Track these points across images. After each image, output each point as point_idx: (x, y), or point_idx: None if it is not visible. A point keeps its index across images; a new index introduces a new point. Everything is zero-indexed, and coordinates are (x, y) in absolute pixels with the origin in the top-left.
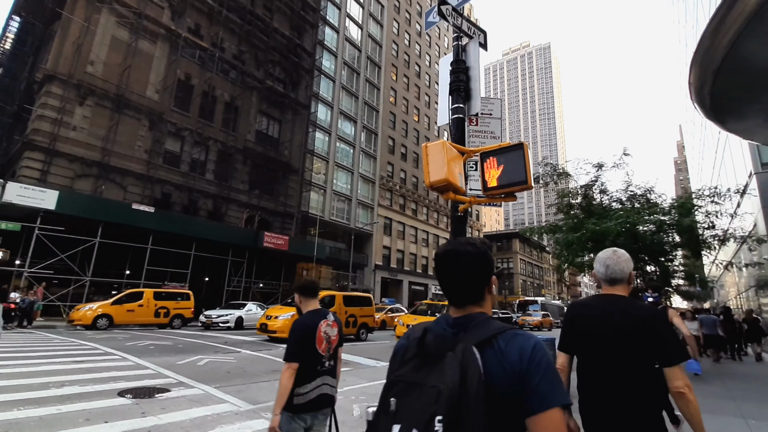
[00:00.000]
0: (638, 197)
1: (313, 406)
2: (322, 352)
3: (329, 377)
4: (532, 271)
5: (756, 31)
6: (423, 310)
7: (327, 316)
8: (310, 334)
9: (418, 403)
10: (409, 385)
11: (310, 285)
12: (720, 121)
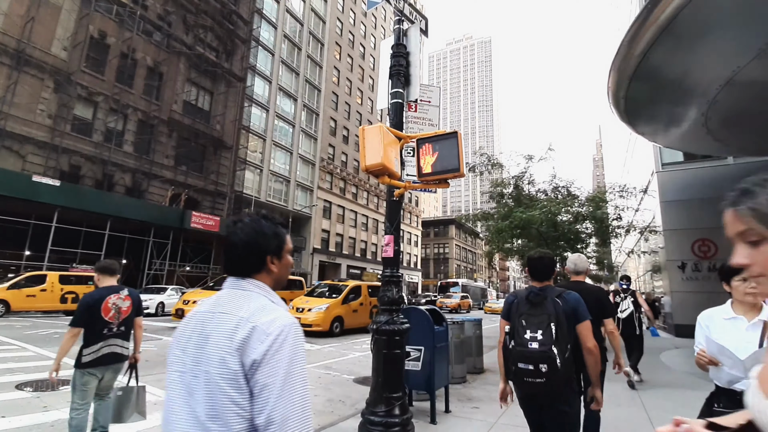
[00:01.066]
0: (561, 189)
1: (101, 362)
2: (110, 320)
3: (119, 340)
4: (466, 256)
5: (665, 43)
6: (322, 292)
7: (120, 292)
8: (96, 305)
9: (536, 320)
10: (530, 314)
11: (106, 266)
12: (632, 124)
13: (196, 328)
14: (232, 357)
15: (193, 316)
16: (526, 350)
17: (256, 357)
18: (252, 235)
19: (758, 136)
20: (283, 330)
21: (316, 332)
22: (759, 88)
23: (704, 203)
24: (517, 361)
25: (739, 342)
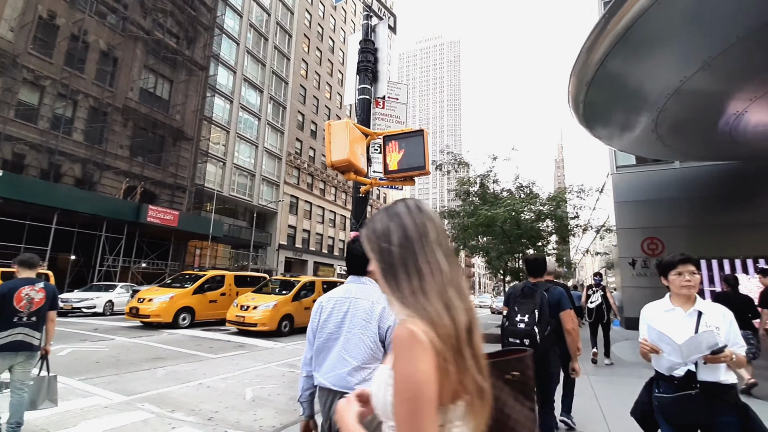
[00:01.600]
0: (524, 188)
1: (10, 348)
2: (21, 309)
3: (29, 329)
4: None
5: (621, 52)
6: (272, 288)
7: (35, 284)
8: (9, 293)
9: (525, 307)
10: (522, 303)
11: (25, 260)
12: (589, 127)
13: (335, 306)
14: (373, 323)
15: (330, 300)
16: (516, 329)
17: (390, 324)
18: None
19: (699, 144)
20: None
21: (261, 332)
22: (701, 99)
23: (653, 204)
24: (508, 336)
25: (677, 332)
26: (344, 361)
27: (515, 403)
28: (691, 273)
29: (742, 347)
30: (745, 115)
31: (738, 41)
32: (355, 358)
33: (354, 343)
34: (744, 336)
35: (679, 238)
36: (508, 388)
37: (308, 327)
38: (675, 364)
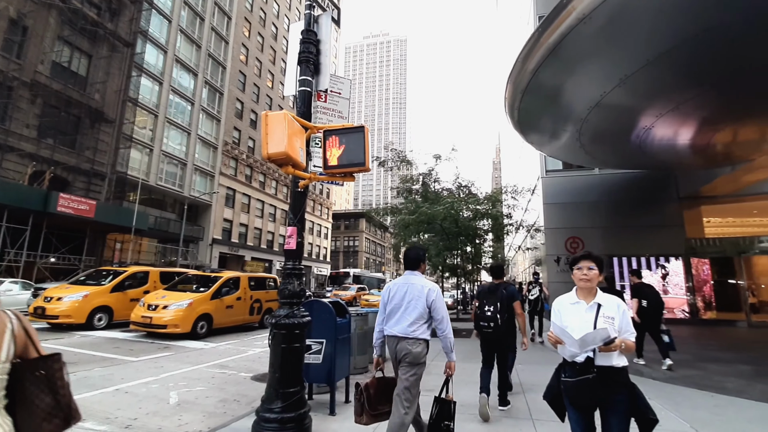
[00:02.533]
0: (463, 188)
1: None
2: None
3: None
4: (375, 250)
5: (552, 64)
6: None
7: None
8: None
9: (491, 300)
10: (488, 297)
11: None
12: (523, 133)
13: (399, 288)
14: (423, 298)
15: (395, 284)
16: (485, 316)
17: (433, 298)
18: (418, 251)
19: (615, 153)
20: (437, 289)
21: (173, 334)
22: (617, 113)
23: (576, 206)
24: (479, 321)
25: (580, 323)
26: (406, 319)
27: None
28: (589, 268)
29: (632, 334)
30: (652, 130)
31: (648, 63)
32: (412, 318)
33: (411, 309)
34: None
35: (596, 237)
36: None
37: (380, 301)
38: (574, 353)
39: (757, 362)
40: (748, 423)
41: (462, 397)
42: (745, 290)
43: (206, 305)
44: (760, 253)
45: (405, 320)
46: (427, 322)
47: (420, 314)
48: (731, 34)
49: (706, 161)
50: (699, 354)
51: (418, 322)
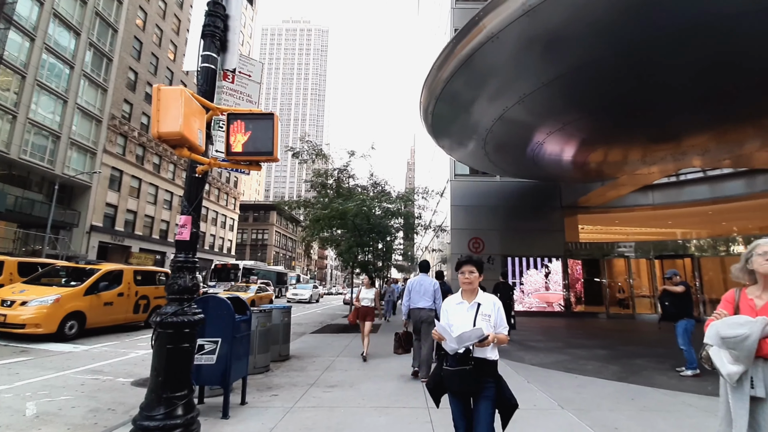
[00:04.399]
0: (377, 186)
1: None
2: None
3: None
4: (286, 244)
5: (464, 75)
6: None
7: None
8: None
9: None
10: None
11: None
12: (436, 137)
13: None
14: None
15: (414, 281)
16: (420, 308)
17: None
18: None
19: (514, 163)
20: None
21: (33, 335)
22: (517, 127)
23: (479, 209)
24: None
25: (462, 320)
26: (423, 299)
27: None
28: (470, 272)
29: (505, 328)
30: (544, 145)
31: (542, 86)
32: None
33: (425, 293)
34: None
35: (495, 238)
36: None
37: (406, 289)
38: (454, 348)
39: (611, 347)
40: (602, 399)
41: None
42: (606, 287)
43: (78, 302)
44: (617, 256)
45: (424, 300)
46: (434, 300)
47: (430, 296)
48: (601, 71)
49: (583, 176)
50: (568, 342)
51: (429, 300)
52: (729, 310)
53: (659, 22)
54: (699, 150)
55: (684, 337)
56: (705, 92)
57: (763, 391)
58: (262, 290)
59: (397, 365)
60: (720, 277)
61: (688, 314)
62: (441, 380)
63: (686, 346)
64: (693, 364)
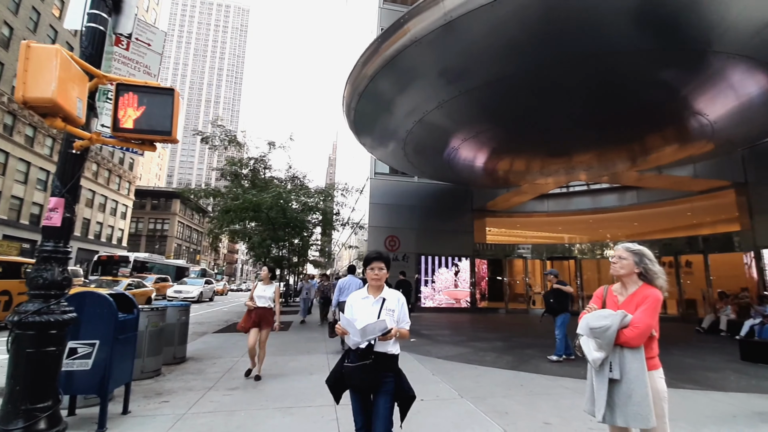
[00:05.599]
0: (296, 179)
1: None
2: None
3: None
4: (190, 236)
5: (388, 75)
6: None
7: None
8: None
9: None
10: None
11: None
12: (357, 134)
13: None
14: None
15: (343, 281)
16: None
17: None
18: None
19: (431, 165)
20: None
21: None
22: (435, 131)
23: (397, 208)
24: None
25: (367, 315)
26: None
27: None
28: (380, 268)
29: (407, 323)
30: (459, 151)
31: (460, 94)
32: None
33: (351, 290)
34: None
35: (411, 237)
36: None
37: (337, 287)
38: (357, 342)
39: (507, 339)
40: (497, 387)
41: None
42: (506, 285)
43: None
44: (517, 257)
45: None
46: None
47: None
48: (511, 87)
49: (492, 182)
50: (472, 335)
51: None
52: (598, 305)
53: (560, 47)
54: (585, 166)
55: (561, 329)
56: (591, 116)
57: (618, 373)
58: (136, 285)
59: (306, 363)
60: (596, 277)
61: (566, 309)
62: (341, 376)
63: (561, 336)
64: (560, 351)
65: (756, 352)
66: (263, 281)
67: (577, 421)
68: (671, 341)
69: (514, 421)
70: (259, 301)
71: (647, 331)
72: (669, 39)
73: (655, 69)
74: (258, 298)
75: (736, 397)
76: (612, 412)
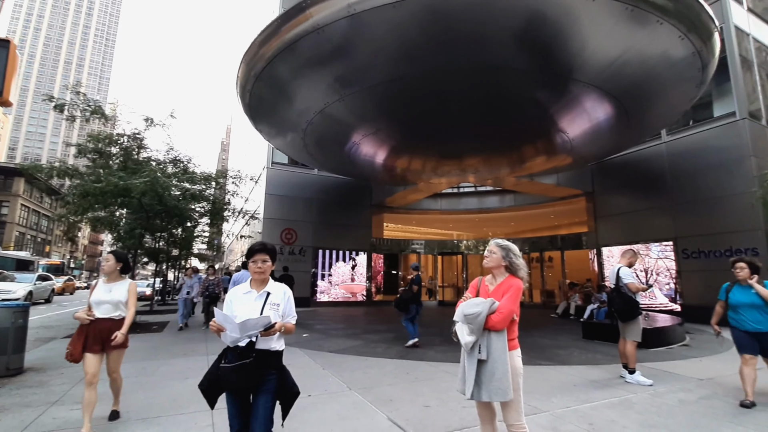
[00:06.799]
0: (179, 163)
1: None
2: None
3: None
4: (38, 223)
5: (288, 60)
6: None
7: None
8: None
9: None
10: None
11: None
12: (253, 119)
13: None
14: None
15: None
16: None
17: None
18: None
19: (332, 159)
20: None
21: None
22: (337, 124)
23: (294, 200)
24: None
25: (249, 310)
26: None
27: None
28: (263, 261)
29: (293, 317)
30: (360, 146)
31: (361, 90)
32: None
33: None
34: None
35: (308, 230)
36: None
37: (232, 281)
38: (236, 339)
39: (398, 330)
40: (384, 376)
41: None
42: (401, 279)
43: None
44: (412, 252)
45: None
46: None
47: None
48: (408, 87)
49: (391, 179)
50: (365, 328)
51: None
52: (473, 294)
53: (451, 56)
54: (473, 169)
55: (409, 318)
56: (479, 125)
57: (486, 354)
58: None
59: (182, 366)
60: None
61: (417, 302)
62: (217, 378)
63: (406, 324)
64: (413, 337)
65: (593, 331)
66: (107, 277)
67: (454, 401)
68: (533, 325)
69: (398, 407)
70: (100, 309)
71: (510, 316)
72: (542, 62)
73: (532, 88)
74: (97, 306)
75: (577, 369)
76: (479, 390)
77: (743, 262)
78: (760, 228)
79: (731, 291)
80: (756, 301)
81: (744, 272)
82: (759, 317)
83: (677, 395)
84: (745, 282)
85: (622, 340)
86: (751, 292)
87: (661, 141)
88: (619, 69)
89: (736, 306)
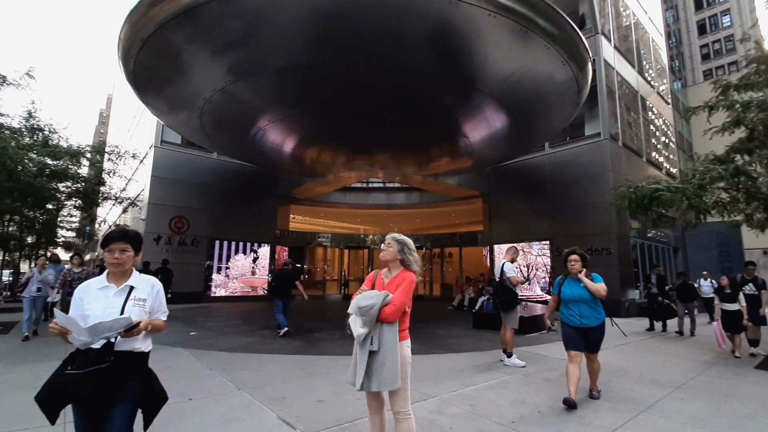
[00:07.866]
0: (39, 131)
1: None
2: None
3: None
4: None
5: (184, 27)
6: None
7: None
8: None
9: None
10: None
11: None
12: (138, 90)
13: None
14: None
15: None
16: None
17: None
18: None
19: (233, 143)
20: None
21: None
22: (240, 105)
23: (188, 185)
24: None
25: (106, 308)
26: None
27: None
28: (122, 250)
29: (164, 313)
30: (266, 132)
31: (272, 71)
32: None
33: None
34: None
35: (203, 219)
36: None
37: None
38: (87, 342)
39: (299, 325)
40: (278, 373)
41: None
42: (305, 272)
43: None
44: (318, 245)
45: None
46: None
47: None
48: (316, 73)
49: (299, 169)
50: (263, 324)
51: None
52: (368, 287)
53: (361, 48)
54: (382, 165)
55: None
56: (386, 122)
57: (377, 345)
58: None
59: (30, 374)
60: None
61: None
62: (61, 388)
63: (279, 315)
64: (282, 327)
65: (483, 321)
66: None
67: (348, 394)
68: (431, 317)
69: (290, 404)
70: None
71: (401, 308)
72: (450, 68)
73: (440, 91)
74: None
75: (465, 356)
76: (369, 380)
77: (576, 254)
78: (613, 231)
79: (563, 285)
80: (585, 295)
81: (577, 265)
82: (587, 311)
83: (544, 374)
84: (576, 276)
85: (503, 327)
86: (581, 285)
87: (545, 152)
88: (514, 84)
89: (567, 300)
